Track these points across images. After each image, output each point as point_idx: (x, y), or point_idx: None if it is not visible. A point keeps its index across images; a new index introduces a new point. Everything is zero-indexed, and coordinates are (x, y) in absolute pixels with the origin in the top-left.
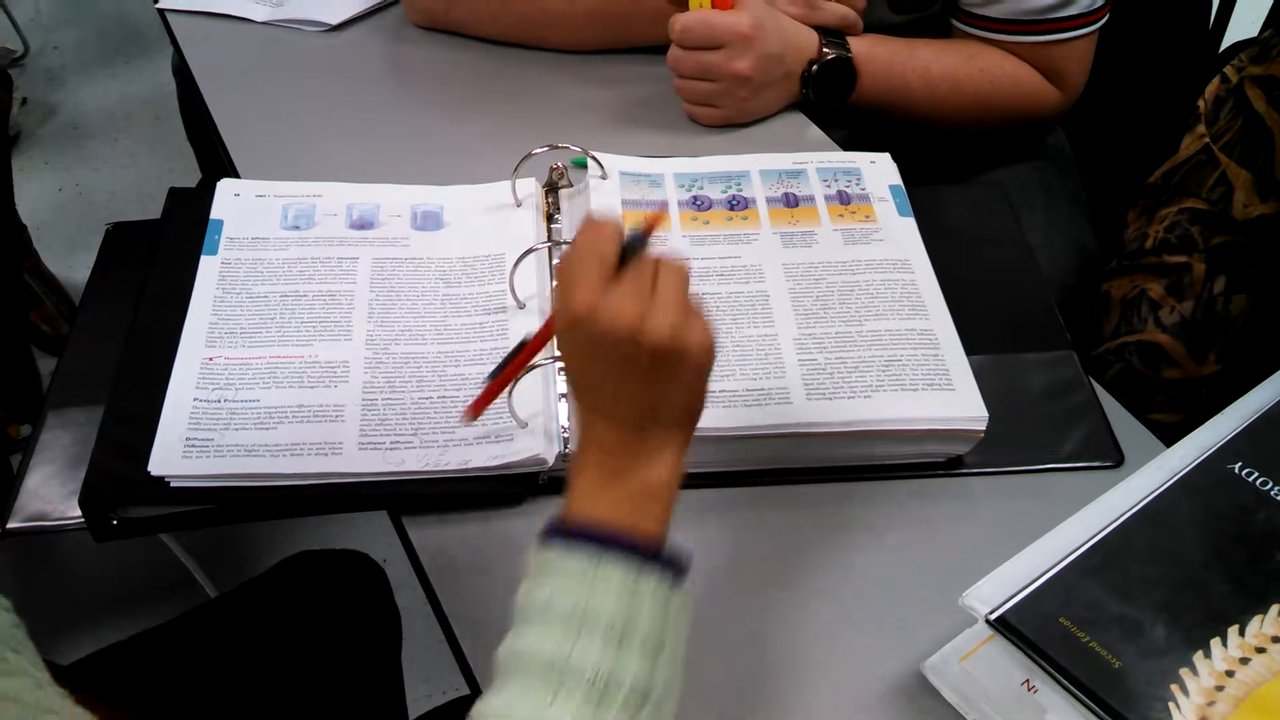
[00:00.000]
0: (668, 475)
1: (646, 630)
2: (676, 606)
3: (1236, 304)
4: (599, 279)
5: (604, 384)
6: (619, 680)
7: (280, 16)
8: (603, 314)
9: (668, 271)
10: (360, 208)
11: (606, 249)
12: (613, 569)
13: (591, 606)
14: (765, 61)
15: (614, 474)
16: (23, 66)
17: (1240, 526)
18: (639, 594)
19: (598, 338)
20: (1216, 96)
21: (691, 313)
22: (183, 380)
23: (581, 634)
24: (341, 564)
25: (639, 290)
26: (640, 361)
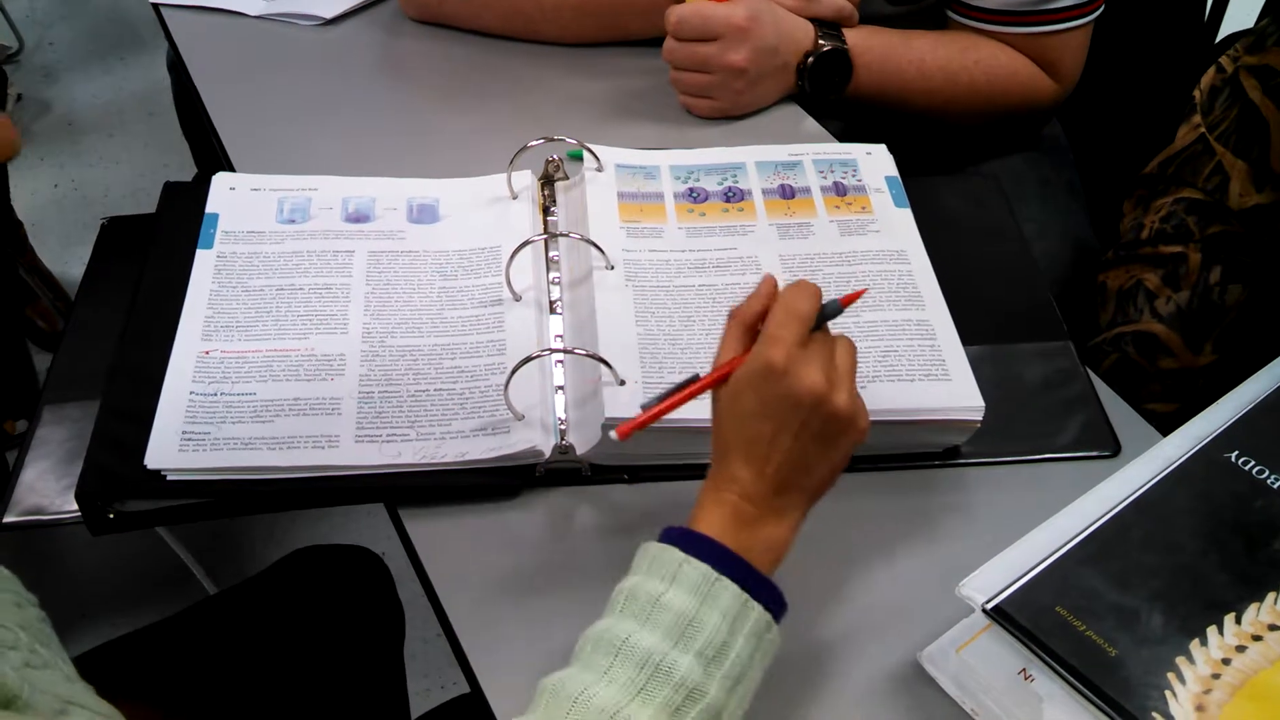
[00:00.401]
0: (787, 537)
1: (736, 656)
2: (767, 643)
3: (1232, 294)
4: (797, 340)
5: (768, 438)
6: (699, 695)
7: (275, 10)
8: (798, 373)
9: (845, 348)
10: (356, 201)
11: (807, 313)
12: (726, 589)
13: (698, 618)
14: (761, 54)
15: (745, 520)
16: (18, 62)
17: (1236, 515)
18: (740, 620)
19: (786, 394)
20: (1212, 86)
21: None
22: (179, 374)
23: (681, 641)
24: (346, 559)
25: (826, 359)
26: (811, 426)
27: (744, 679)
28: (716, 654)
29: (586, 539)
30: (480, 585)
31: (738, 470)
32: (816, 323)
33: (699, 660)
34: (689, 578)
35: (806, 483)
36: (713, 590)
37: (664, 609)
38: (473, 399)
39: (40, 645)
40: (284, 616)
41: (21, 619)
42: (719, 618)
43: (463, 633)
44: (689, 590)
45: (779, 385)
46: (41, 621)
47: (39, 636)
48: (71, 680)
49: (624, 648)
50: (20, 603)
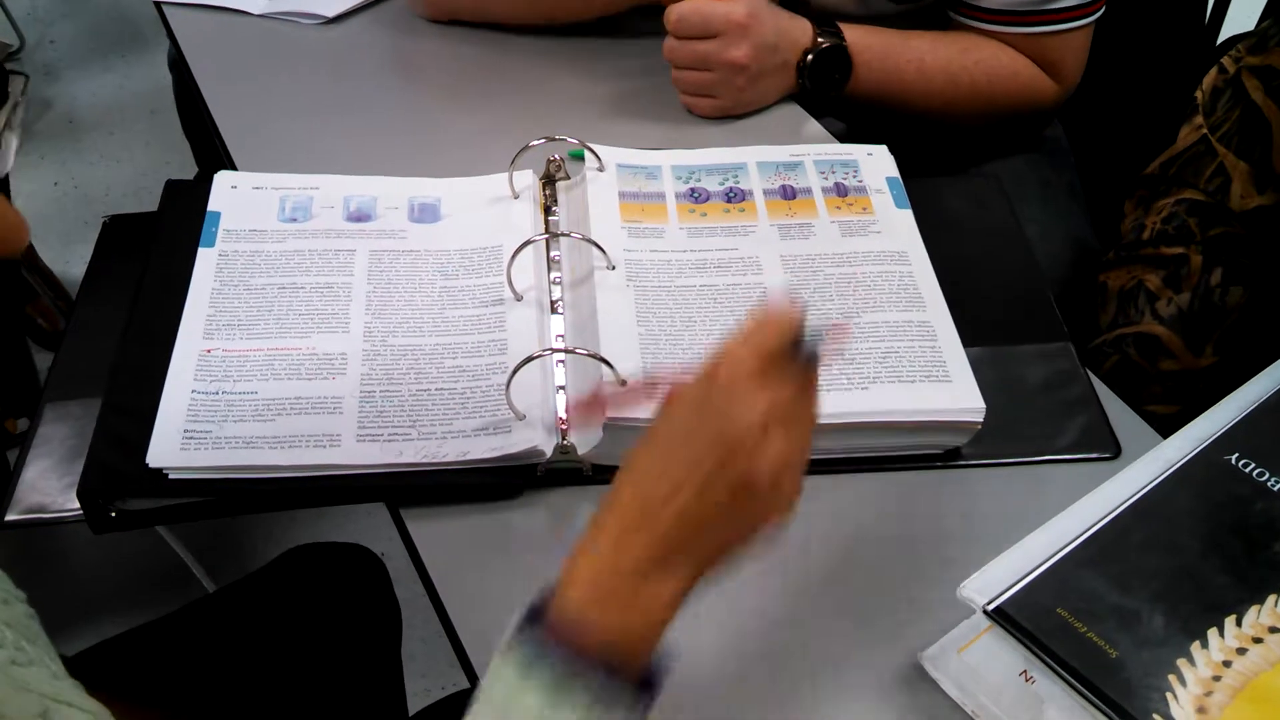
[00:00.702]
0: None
1: None
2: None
3: (1233, 295)
4: (751, 358)
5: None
6: None
7: (277, 9)
8: (731, 399)
9: (809, 401)
10: (357, 200)
11: (774, 331)
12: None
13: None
14: (761, 49)
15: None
16: (18, 60)
17: (1237, 517)
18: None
19: (713, 419)
20: (1214, 87)
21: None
22: (180, 372)
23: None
24: (343, 557)
25: (779, 402)
26: (725, 474)
27: None
28: None
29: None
30: (481, 585)
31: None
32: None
33: None
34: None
35: (695, 546)
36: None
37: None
38: (474, 398)
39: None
40: (281, 614)
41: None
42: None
43: (464, 632)
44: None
45: (709, 406)
46: (29, 618)
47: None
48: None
49: None
50: (7, 599)
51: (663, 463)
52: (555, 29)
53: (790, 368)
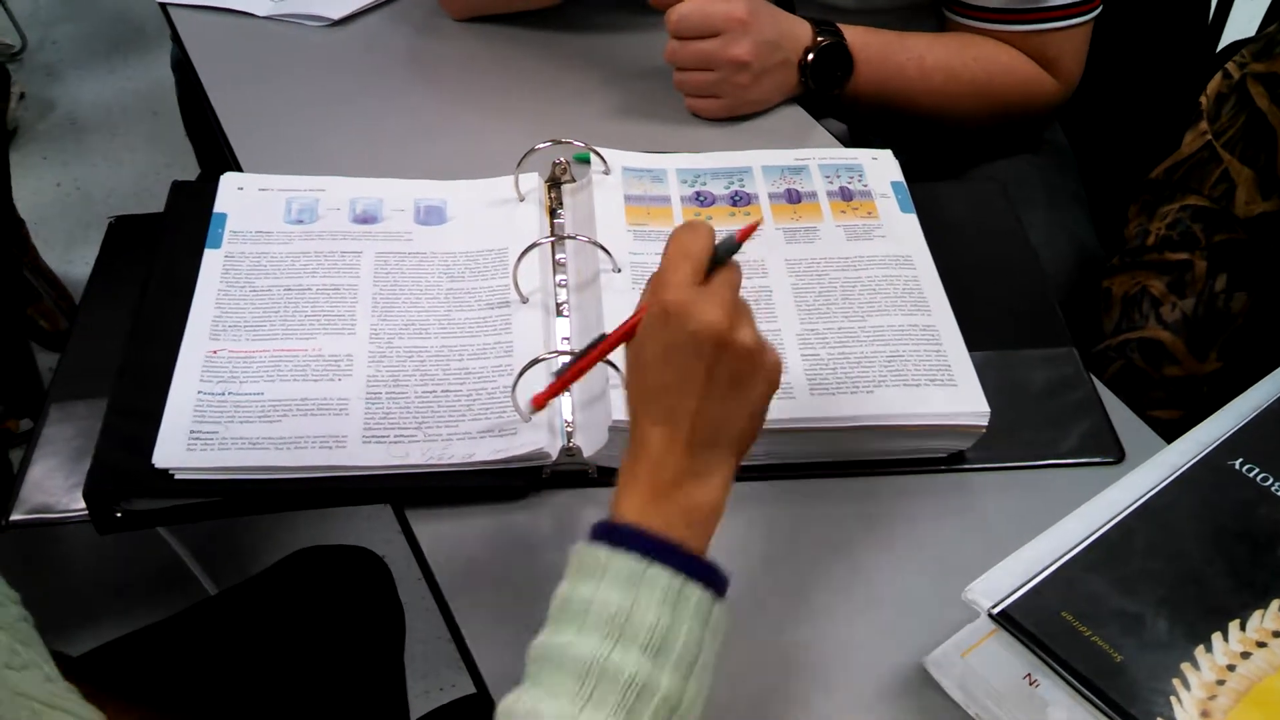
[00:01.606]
0: (715, 499)
1: (684, 643)
2: (715, 622)
3: (1238, 301)
4: (692, 280)
5: (673, 391)
6: (652, 690)
7: (282, 11)
8: (696, 313)
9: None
10: (363, 202)
11: (700, 252)
12: (658, 576)
13: (635, 612)
14: (762, 46)
15: (665, 489)
16: (21, 61)
17: (1241, 522)
18: (681, 604)
19: (685, 337)
20: (1219, 93)
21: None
22: (187, 373)
23: (621, 639)
24: (347, 560)
25: (728, 299)
26: (719, 370)
27: (696, 663)
28: (662, 644)
29: None
30: (486, 587)
31: (647, 433)
32: (713, 264)
33: (644, 654)
34: (618, 573)
35: (725, 435)
36: (644, 580)
37: (597, 610)
38: (480, 400)
39: (20, 645)
40: (284, 617)
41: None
42: (656, 607)
43: (469, 634)
44: (620, 585)
45: (676, 328)
46: (23, 620)
47: (19, 636)
48: (52, 680)
49: (564, 659)
50: (2, 601)
51: (661, 387)
52: (562, 29)
53: (719, 271)
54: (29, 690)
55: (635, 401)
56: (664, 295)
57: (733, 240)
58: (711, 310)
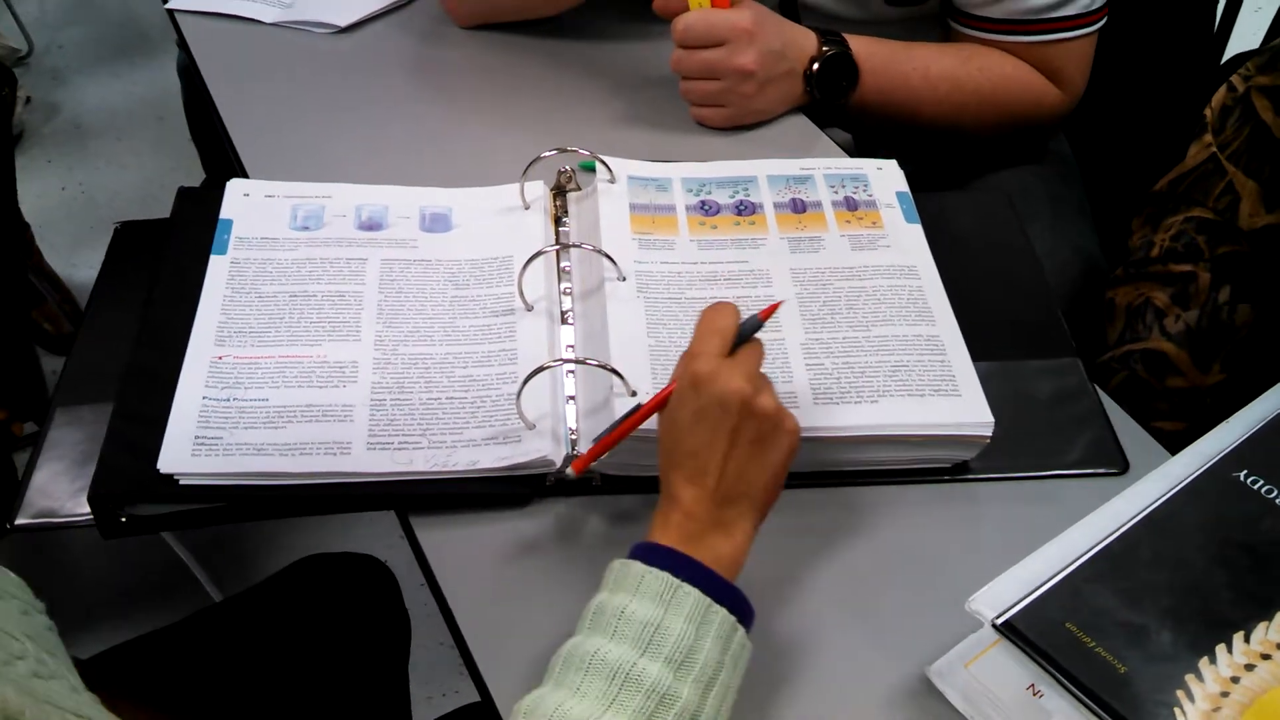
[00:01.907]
0: (738, 551)
1: (705, 659)
2: (737, 645)
3: (1241, 313)
4: (720, 352)
5: (703, 452)
6: (672, 700)
7: (289, 18)
8: (723, 380)
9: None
10: (369, 209)
11: (726, 329)
12: (688, 594)
13: (664, 625)
14: (767, 56)
15: (692, 537)
16: (27, 65)
17: (1245, 534)
18: (706, 623)
19: (714, 402)
20: (1223, 105)
21: None
22: (192, 379)
23: (649, 649)
24: (353, 568)
25: (752, 370)
26: (743, 433)
27: (716, 682)
28: (685, 659)
29: (596, 549)
30: (490, 594)
31: (679, 489)
32: (738, 340)
33: (668, 666)
34: (651, 587)
35: (748, 492)
36: (675, 597)
37: (629, 620)
38: (484, 408)
39: (47, 654)
40: (289, 624)
41: (29, 627)
42: (683, 623)
43: (472, 641)
44: (652, 599)
45: (705, 394)
46: (49, 630)
47: (46, 645)
48: (78, 691)
49: (593, 662)
50: (28, 610)
51: (691, 449)
52: (568, 37)
53: (744, 346)
54: (58, 700)
55: (667, 462)
56: (694, 366)
57: (756, 320)
58: (737, 378)
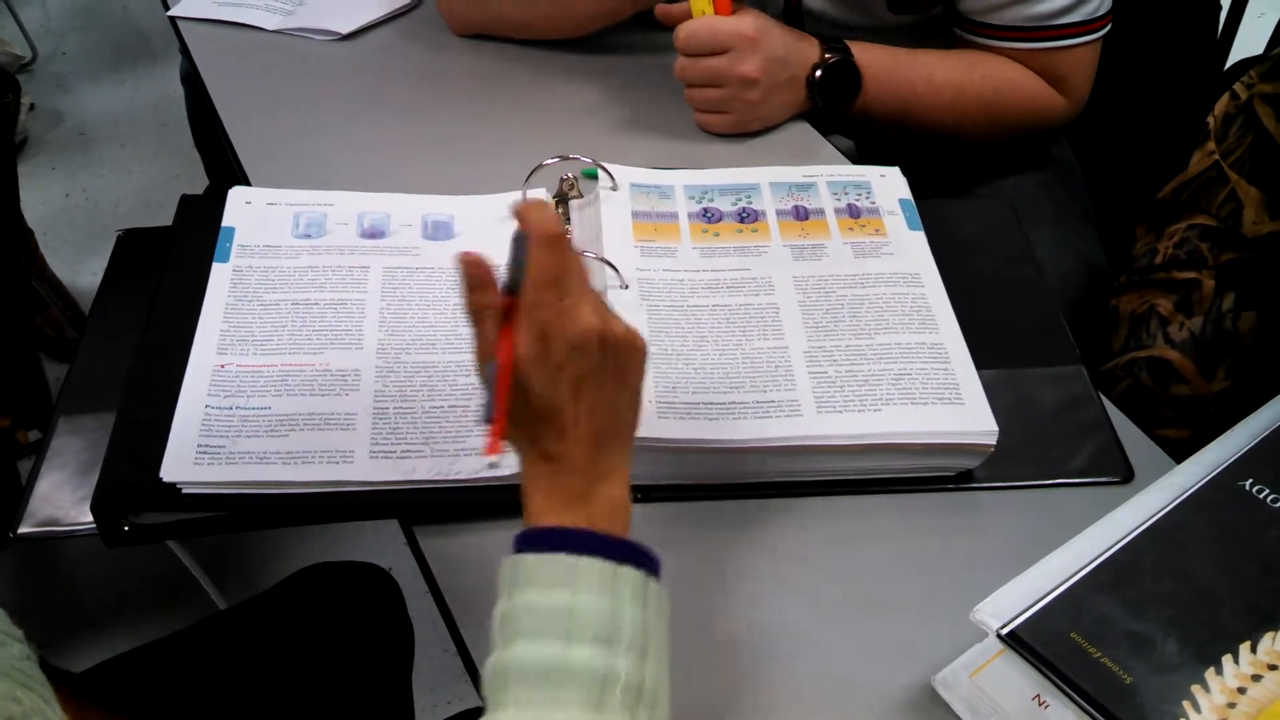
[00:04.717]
0: (623, 493)
1: (631, 626)
2: (654, 599)
3: (1245, 321)
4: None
5: (568, 401)
6: (613, 679)
7: (291, 25)
8: (572, 323)
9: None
10: (371, 217)
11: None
12: (589, 568)
13: (577, 607)
14: (770, 63)
15: (577, 495)
16: (31, 72)
17: (1251, 543)
18: (618, 589)
19: (570, 350)
20: (1226, 113)
21: None
22: (194, 387)
23: (571, 636)
24: (357, 576)
25: (594, 299)
26: (606, 371)
27: (649, 644)
28: (610, 633)
29: None
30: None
31: (550, 446)
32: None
33: (596, 646)
34: (550, 574)
35: (620, 428)
36: (576, 574)
37: (540, 614)
38: None
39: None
40: (293, 633)
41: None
42: (594, 597)
43: (475, 648)
44: (555, 585)
45: (557, 345)
46: (26, 659)
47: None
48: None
49: (521, 670)
50: (4, 641)
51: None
52: (570, 45)
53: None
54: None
55: (533, 421)
56: (537, 315)
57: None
58: (586, 313)
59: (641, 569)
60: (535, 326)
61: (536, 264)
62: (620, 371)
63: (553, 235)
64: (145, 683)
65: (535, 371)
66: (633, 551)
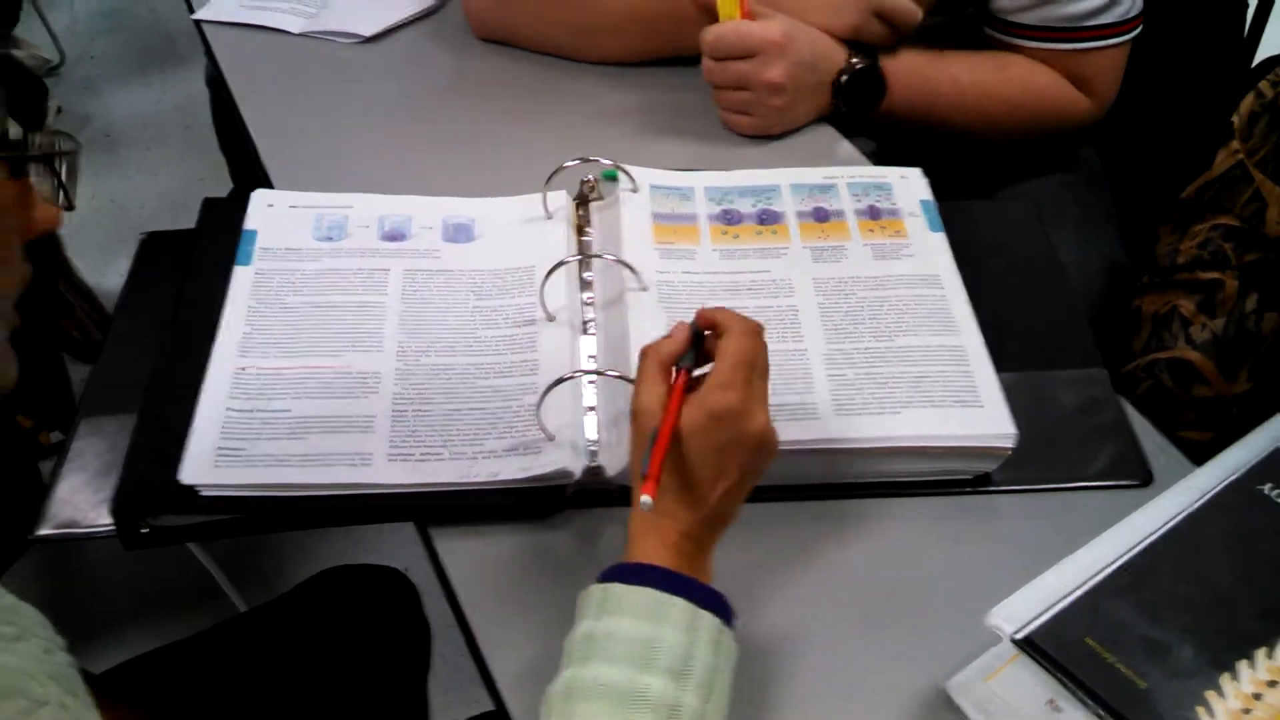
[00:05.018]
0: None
1: (702, 665)
2: (725, 646)
3: (1269, 322)
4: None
5: (711, 479)
6: (679, 709)
7: (315, 28)
8: (749, 420)
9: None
10: (392, 219)
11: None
12: (673, 605)
13: (657, 639)
14: (797, 68)
15: (687, 556)
16: (58, 75)
17: (1269, 548)
18: (696, 630)
19: (735, 439)
20: (1251, 112)
21: None
22: (215, 390)
23: (648, 665)
24: (375, 579)
25: (764, 396)
26: (750, 468)
27: (715, 685)
28: (683, 668)
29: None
30: (508, 605)
31: (675, 509)
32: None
33: (669, 678)
34: (638, 605)
35: (733, 514)
36: (662, 610)
37: (622, 640)
38: (505, 419)
39: (70, 696)
40: (311, 636)
41: (52, 668)
42: (675, 633)
43: (488, 651)
44: (641, 616)
45: (728, 430)
46: (70, 667)
47: (68, 686)
48: None
49: (596, 689)
50: (50, 649)
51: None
52: None
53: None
54: None
55: (671, 484)
56: (722, 399)
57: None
58: (762, 416)
59: (720, 617)
60: (716, 405)
61: (738, 348)
62: (757, 470)
63: (756, 327)
64: (165, 683)
65: (695, 440)
66: (715, 599)
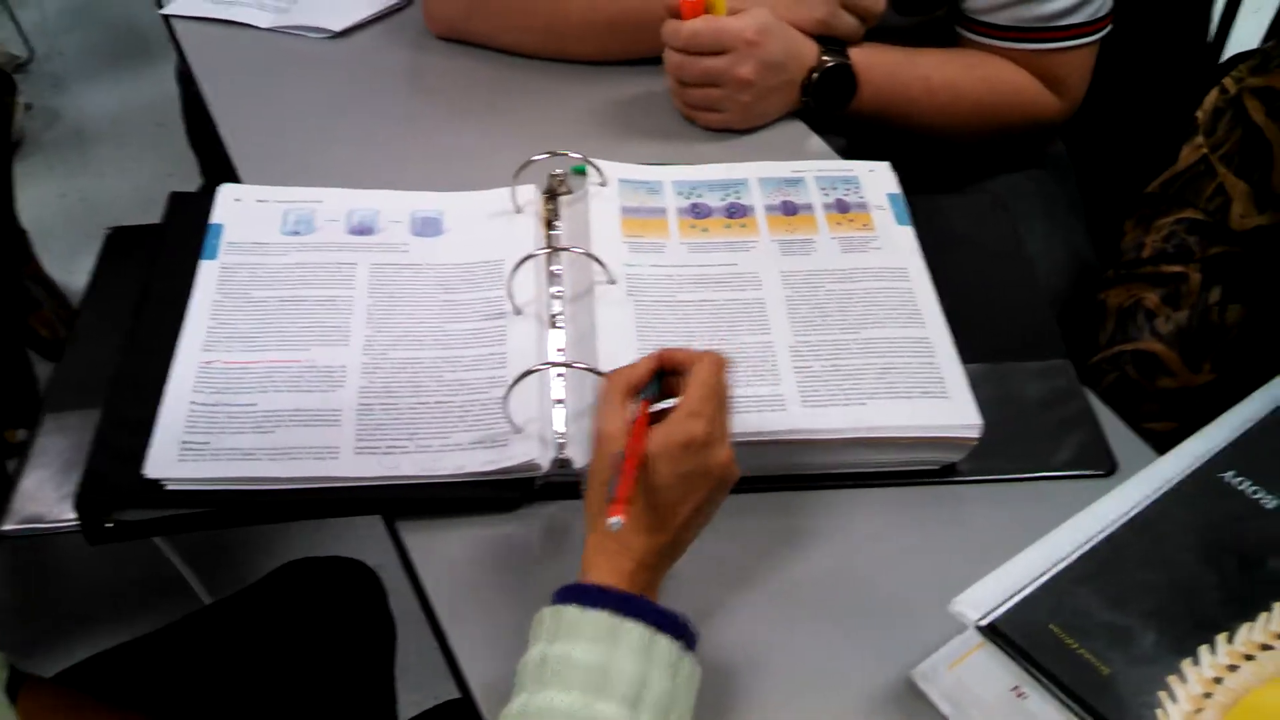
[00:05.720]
0: None
1: (659, 691)
2: (686, 671)
3: (1232, 314)
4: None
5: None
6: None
7: (284, 23)
8: (715, 452)
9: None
10: (360, 213)
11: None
12: (630, 630)
13: (612, 664)
14: (767, 67)
15: (640, 584)
16: (27, 71)
17: (1231, 535)
18: (652, 655)
19: (700, 470)
20: (1215, 107)
21: None
22: (180, 384)
23: (602, 691)
24: (337, 571)
25: (728, 431)
26: (711, 500)
27: (671, 710)
28: (638, 695)
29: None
30: (475, 598)
31: (633, 538)
32: None
33: (623, 705)
34: (592, 629)
35: (687, 545)
36: (617, 635)
37: (575, 665)
38: (473, 412)
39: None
40: (276, 628)
41: None
42: (630, 658)
43: (456, 644)
44: (595, 641)
45: (694, 460)
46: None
47: None
48: None
49: (549, 715)
50: None
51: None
52: None
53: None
54: None
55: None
56: (692, 428)
57: None
58: (727, 449)
59: (679, 641)
60: (685, 434)
61: (709, 377)
62: (715, 502)
63: (724, 361)
64: (130, 677)
65: (664, 468)
66: (672, 623)
